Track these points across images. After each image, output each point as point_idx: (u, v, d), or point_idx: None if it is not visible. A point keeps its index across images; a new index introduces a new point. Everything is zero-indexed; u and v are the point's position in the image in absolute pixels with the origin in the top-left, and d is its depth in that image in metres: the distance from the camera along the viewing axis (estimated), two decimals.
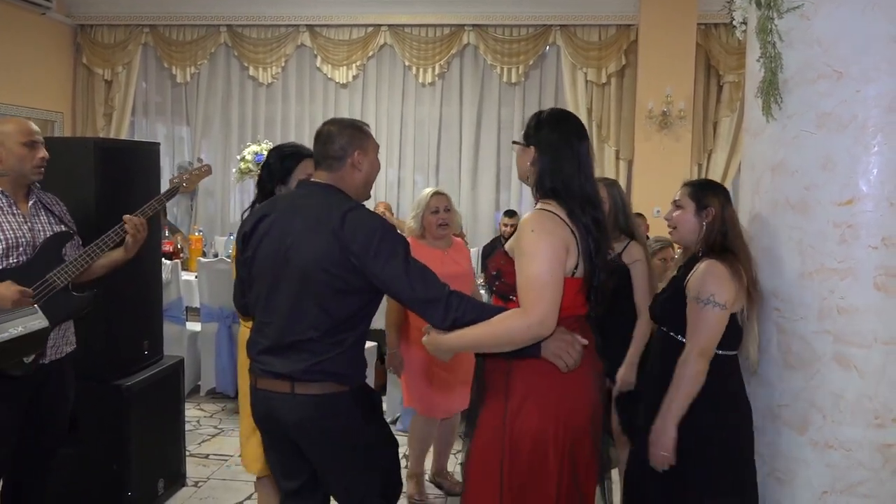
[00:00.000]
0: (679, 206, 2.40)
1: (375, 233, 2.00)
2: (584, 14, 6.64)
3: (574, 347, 1.93)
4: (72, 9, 7.08)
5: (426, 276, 1.99)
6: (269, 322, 2.10)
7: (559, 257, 1.90)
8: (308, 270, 2.01)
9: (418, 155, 7.09)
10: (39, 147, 2.54)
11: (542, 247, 1.89)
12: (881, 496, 2.12)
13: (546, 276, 1.87)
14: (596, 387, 2.07)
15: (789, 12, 2.16)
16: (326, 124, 2.20)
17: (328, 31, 6.98)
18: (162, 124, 7.43)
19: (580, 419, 2.01)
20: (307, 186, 2.18)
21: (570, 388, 1.99)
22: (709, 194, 2.36)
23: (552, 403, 1.97)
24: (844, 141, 2.09)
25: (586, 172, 2.01)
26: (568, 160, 1.99)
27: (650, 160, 6.33)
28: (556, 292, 1.87)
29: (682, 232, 2.40)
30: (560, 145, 2.00)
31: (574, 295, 1.98)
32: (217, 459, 4.07)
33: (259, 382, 2.14)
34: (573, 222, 1.95)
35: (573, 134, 2.02)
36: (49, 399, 2.62)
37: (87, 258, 2.57)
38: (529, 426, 1.97)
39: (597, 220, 1.99)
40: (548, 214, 1.95)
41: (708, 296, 2.18)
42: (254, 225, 2.15)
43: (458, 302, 1.96)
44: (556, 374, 1.95)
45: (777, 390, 2.27)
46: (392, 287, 2.00)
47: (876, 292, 2.08)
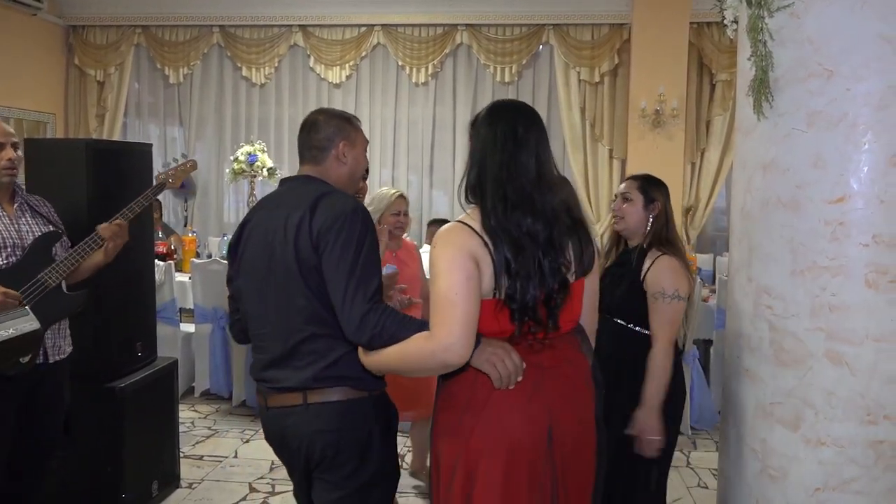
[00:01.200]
0: (628, 198, 2.60)
1: (340, 216, 1.86)
2: (577, 13, 6.64)
3: (511, 357, 1.69)
4: (63, 9, 7.05)
5: (366, 286, 1.82)
6: (265, 332, 1.99)
7: (467, 270, 1.65)
8: (289, 263, 1.90)
9: (412, 155, 7.09)
10: (6, 147, 2.50)
11: (445, 261, 1.67)
12: (874, 493, 2.12)
13: (451, 294, 1.63)
14: (536, 424, 1.74)
15: (780, 11, 2.16)
16: (314, 113, 2.10)
17: (321, 32, 6.97)
18: (155, 125, 7.40)
19: (496, 453, 1.72)
20: (289, 182, 2.08)
21: (489, 416, 1.72)
22: (655, 189, 2.61)
23: (463, 430, 1.75)
24: (835, 139, 2.10)
25: (521, 171, 1.73)
26: (494, 156, 1.74)
27: (644, 159, 6.33)
28: (465, 311, 1.62)
29: (630, 223, 2.61)
30: (487, 140, 1.76)
31: (491, 317, 1.71)
32: (211, 461, 4.07)
33: (269, 401, 1.99)
34: (488, 231, 1.70)
35: (505, 127, 1.76)
36: (45, 400, 2.62)
37: (77, 256, 2.57)
38: (440, 449, 1.81)
39: (527, 228, 1.71)
40: (456, 225, 1.74)
41: (673, 291, 2.43)
42: (239, 234, 2.07)
43: (376, 319, 1.77)
44: (476, 397, 1.73)
45: (769, 387, 2.28)
46: (328, 278, 1.85)
47: (867, 289, 2.08)
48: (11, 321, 2.32)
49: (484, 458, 1.73)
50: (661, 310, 2.43)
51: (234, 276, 2.09)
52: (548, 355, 1.78)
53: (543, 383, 1.76)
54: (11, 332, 2.30)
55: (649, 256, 2.51)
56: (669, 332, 2.44)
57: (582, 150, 6.69)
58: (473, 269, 1.67)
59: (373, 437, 1.96)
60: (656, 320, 2.45)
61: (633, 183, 2.64)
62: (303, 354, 1.92)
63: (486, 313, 1.70)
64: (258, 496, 3.61)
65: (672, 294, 2.42)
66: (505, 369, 1.69)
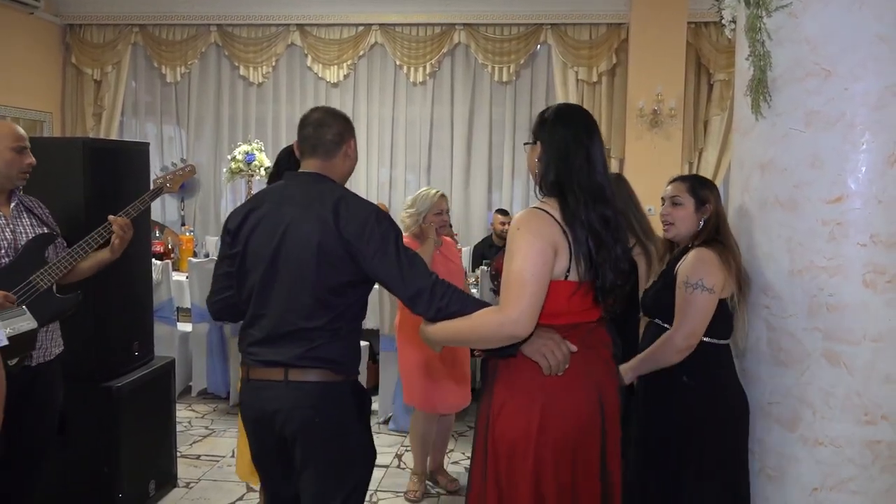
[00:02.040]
0: (678, 203, 2.40)
1: (368, 220, 1.99)
2: (575, 13, 6.64)
3: (560, 348, 1.85)
4: (60, 8, 7.03)
5: (415, 266, 1.98)
6: (263, 314, 2.07)
7: (543, 257, 1.82)
8: (302, 260, 2.00)
9: (410, 154, 7.08)
10: (28, 153, 2.54)
11: (525, 245, 1.83)
12: (871, 493, 2.13)
13: (526, 275, 1.80)
14: (592, 399, 1.92)
15: (778, 11, 2.17)
16: (314, 110, 2.18)
17: (318, 31, 6.96)
18: (152, 124, 7.38)
19: (565, 433, 1.88)
20: (296, 177, 2.14)
21: (555, 397, 1.88)
22: (706, 190, 2.40)
23: (532, 411, 1.89)
24: (833, 139, 2.10)
25: (593, 167, 1.91)
26: (571, 155, 1.91)
27: (641, 159, 6.33)
28: (536, 292, 1.80)
29: (681, 229, 2.41)
30: (564, 140, 1.93)
31: (565, 299, 1.88)
32: (208, 460, 4.06)
33: (251, 373, 2.10)
34: (568, 221, 1.86)
35: (579, 128, 1.94)
36: (37, 400, 2.61)
37: (71, 259, 2.56)
38: (505, 433, 1.91)
39: (604, 217, 1.89)
40: (537, 212, 1.89)
41: (697, 280, 2.23)
42: (242, 219, 2.12)
43: (442, 291, 1.93)
44: (539, 379, 1.88)
45: (767, 387, 2.28)
46: (381, 275, 1.99)
47: (864, 289, 2.09)
48: (9, 320, 2.31)
49: (553, 439, 1.87)
50: (681, 298, 2.26)
51: (237, 260, 2.12)
52: (594, 337, 1.97)
53: (594, 365, 1.94)
54: (8, 332, 2.29)
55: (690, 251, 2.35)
56: (689, 322, 2.23)
57: None
58: (551, 256, 1.83)
59: (348, 419, 2.08)
60: (677, 309, 2.27)
61: (681, 185, 2.44)
62: (293, 339, 2.03)
63: (560, 294, 1.86)
64: (255, 496, 3.61)
65: (695, 283, 2.22)
66: (555, 359, 1.84)
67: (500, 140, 6.95)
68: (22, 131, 2.56)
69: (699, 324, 2.24)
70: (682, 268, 2.30)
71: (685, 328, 2.24)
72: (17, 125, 2.60)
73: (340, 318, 2.04)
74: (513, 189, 7.00)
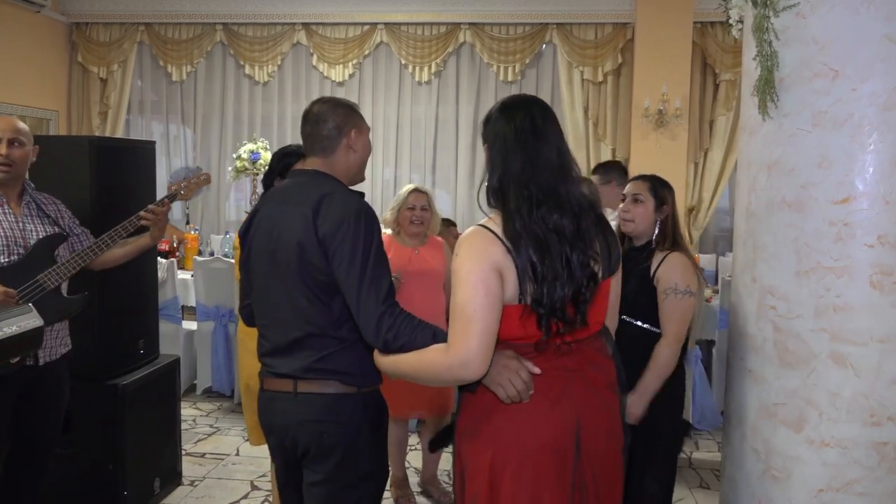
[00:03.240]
0: (639, 200, 2.58)
1: (345, 220, 1.85)
2: (581, 12, 6.63)
3: (519, 375, 1.65)
4: (67, 7, 7.05)
5: (377, 286, 1.82)
6: (267, 323, 2.02)
7: (486, 285, 1.60)
8: (290, 262, 1.91)
9: (414, 154, 7.08)
10: (1, 143, 2.47)
11: (464, 273, 1.62)
12: (877, 494, 2.12)
13: (470, 309, 1.59)
14: (566, 424, 1.70)
15: (785, 11, 2.16)
16: (315, 103, 2.07)
17: (324, 30, 6.96)
18: (158, 123, 7.40)
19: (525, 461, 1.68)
20: (296, 175, 2.06)
21: (516, 424, 1.68)
22: (665, 190, 2.60)
23: (488, 438, 1.72)
24: (840, 139, 2.09)
25: (537, 167, 1.68)
26: (511, 155, 1.69)
27: (646, 159, 6.32)
28: (484, 327, 1.59)
29: (640, 225, 2.59)
30: (504, 139, 1.71)
31: (516, 324, 1.66)
32: (213, 458, 4.07)
33: (265, 384, 2.04)
34: (510, 235, 1.64)
35: (522, 123, 1.70)
36: (42, 399, 2.62)
37: (80, 261, 2.56)
38: (465, 454, 1.78)
39: (555, 225, 1.65)
40: (479, 231, 1.68)
41: (685, 287, 2.45)
42: (248, 224, 2.09)
43: (389, 323, 1.78)
44: (501, 404, 1.69)
45: (773, 388, 2.28)
46: (341, 283, 1.85)
47: (872, 290, 2.08)
48: (16, 318, 2.31)
49: (511, 464, 1.69)
50: (673, 305, 2.45)
51: (244, 267, 2.12)
52: (574, 358, 1.74)
53: (570, 386, 1.72)
54: (16, 329, 2.29)
55: (658, 254, 2.54)
56: (679, 328, 2.46)
57: (585, 150, 6.68)
58: (495, 281, 1.62)
59: (360, 434, 1.96)
60: (667, 316, 2.47)
61: (643, 184, 2.61)
62: (304, 348, 1.94)
63: (511, 319, 1.66)
64: (260, 494, 3.61)
65: (684, 290, 2.44)
66: (512, 389, 1.65)
67: None
68: (8, 121, 2.52)
69: (685, 327, 2.48)
70: (666, 275, 2.47)
71: (676, 333, 2.45)
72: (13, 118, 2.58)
73: (344, 322, 1.91)
74: None
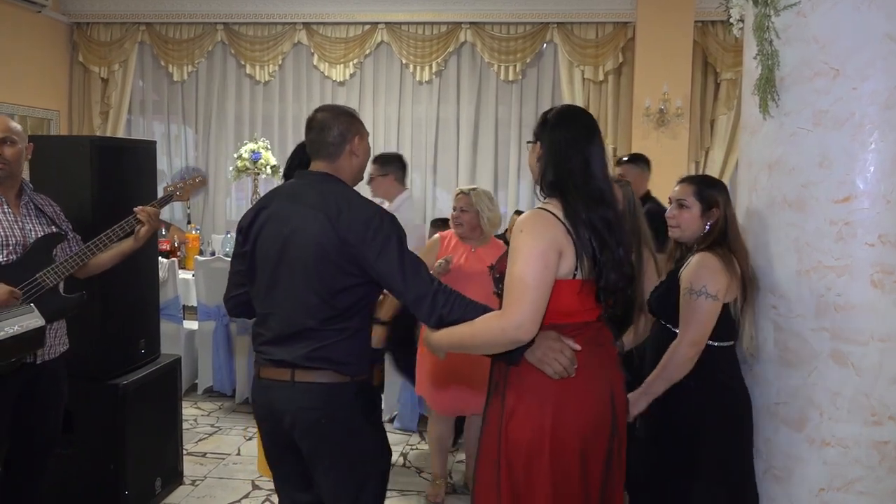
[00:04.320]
0: (684, 205, 2.36)
1: (371, 221, 1.98)
2: (581, 11, 6.62)
3: (564, 353, 1.83)
4: (67, 6, 7.05)
5: (418, 270, 1.96)
6: (271, 313, 2.09)
7: (547, 259, 1.81)
8: (306, 260, 2.00)
9: (415, 153, 7.07)
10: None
11: (528, 248, 1.81)
12: (878, 493, 2.12)
13: (528, 279, 1.78)
14: (604, 397, 1.93)
15: (786, 10, 2.16)
16: (318, 111, 2.17)
17: (325, 29, 6.96)
18: (159, 122, 7.40)
19: (578, 432, 1.88)
20: (305, 177, 2.15)
21: (567, 397, 1.88)
22: (714, 194, 2.34)
23: (545, 413, 1.88)
24: (841, 138, 2.09)
25: (590, 171, 1.91)
26: (569, 157, 1.91)
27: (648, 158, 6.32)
28: (538, 296, 1.78)
29: (686, 232, 2.38)
30: (564, 141, 1.92)
31: (574, 297, 1.88)
32: (214, 458, 4.07)
33: (261, 372, 2.12)
34: (571, 221, 1.86)
35: (579, 132, 1.94)
36: (41, 399, 2.62)
37: (79, 259, 2.56)
38: (519, 435, 1.90)
39: (605, 219, 1.88)
40: (541, 213, 1.88)
41: (700, 287, 2.21)
42: (252, 218, 2.14)
43: (444, 299, 1.92)
44: (549, 380, 1.87)
45: (774, 388, 2.28)
46: (384, 277, 1.97)
47: (873, 289, 2.08)
48: (17, 317, 2.32)
49: (567, 441, 1.87)
50: (686, 305, 2.25)
51: (247, 258, 2.15)
52: (602, 334, 1.97)
53: (604, 362, 1.95)
54: (17, 329, 2.29)
55: (693, 254, 2.34)
56: (693, 331, 2.22)
57: None
58: (553, 258, 1.82)
59: (356, 419, 2.07)
60: (682, 317, 2.26)
61: (688, 187, 2.38)
62: (301, 339, 2.03)
63: (569, 293, 1.86)
64: (261, 493, 3.62)
65: (699, 290, 2.21)
66: (559, 366, 1.83)
67: (506, 139, 6.94)
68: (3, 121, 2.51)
69: (703, 331, 2.22)
70: (685, 273, 2.28)
71: (689, 336, 2.22)
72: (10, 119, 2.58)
73: (348, 317, 2.03)
74: (519, 188, 6.98)
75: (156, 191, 3.48)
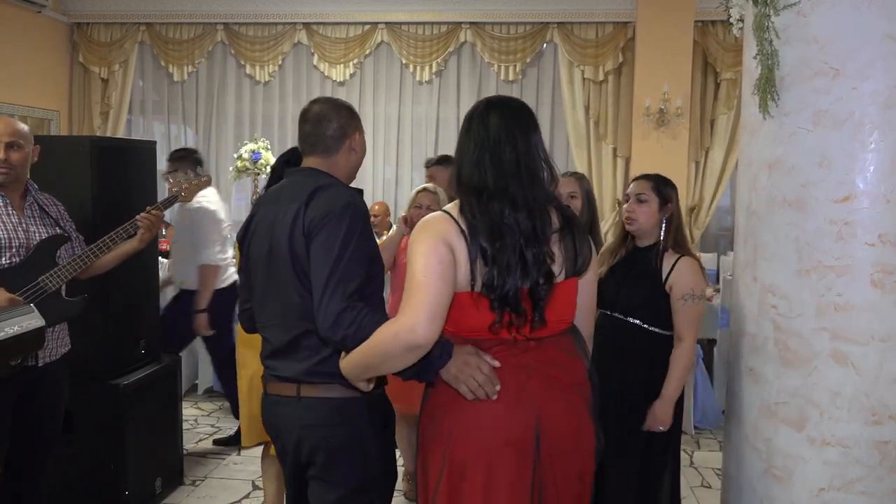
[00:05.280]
0: (642, 199, 2.56)
1: (329, 213, 1.84)
2: (581, 11, 6.62)
3: (480, 371, 1.67)
4: (68, 7, 7.06)
5: (346, 284, 1.77)
6: (267, 324, 2.02)
7: (437, 255, 1.64)
8: (285, 258, 1.91)
9: (415, 153, 7.07)
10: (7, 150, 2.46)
11: (417, 246, 1.67)
12: (878, 493, 2.12)
13: (419, 275, 1.61)
14: (522, 422, 1.71)
15: (786, 9, 2.16)
16: (315, 103, 2.05)
17: (325, 29, 6.96)
18: (159, 123, 7.40)
19: (472, 456, 1.70)
20: (294, 174, 2.04)
21: (465, 410, 1.71)
22: (669, 191, 2.59)
23: (445, 427, 1.74)
24: (841, 138, 2.09)
25: (496, 163, 1.73)
26: (469, 151, 1.78)
27: (648, 158, 6.31)
28: (432, 292, 1.60)
29: (645, 225, 2.57)
30: (462, 135, 1.84)
31: (472, 311, 1.69)
32: (215, 458, 4.07)
33: (269, 387, 2.04)
34: (466, 221, 1.69)
35: (477, 121, 1.80)
36: (42, 399, 2.62)
37: (81, 262, 2.56)
38: (426, 444, 1.79)
39: (512, 222, 1.69)
40: (438, 214, 1.77)
41: (700, 292, 2.49)
42: (245, 228, 2.09)
43: (352, 318, 1.73)
44: (459, 401, 1.71)
45: (774, 387, 2.27)
46: (312, 273, 1.83)
47: (873, 289, 2.08)
48: (18, 318, 2.32)
49: (468, 465, 1.71)
50: (689, 311, 2.49)
51: (243, 268, 2.12)
52: (534, 356, 1.75)
53: (529, 384, 1.73)
54: (17, 329, 2.29)
55: (668, 258, 2.53)
56: (695, 331, 2.53)
57: (586, 149, 6.68)
58: (447, 253, 1.65)
59: (366, 438, 1.95)
60: (683, 321, 2.50)
61: (646, 183, 2.59)
62: (301, 348, 1.94)
63: (465, 305, 1.69)
64: (261, 494, 3.61)
65: (699, 295, 2.49)
66: (474, 383, 1.67)
67: None
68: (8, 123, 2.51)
69: (699, 329, 2.56)
70: (681, 282, 2.49)
71: (692, 337, 2.51)
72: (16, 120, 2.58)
73: None
74: None
75: (156, 191, 3.49)
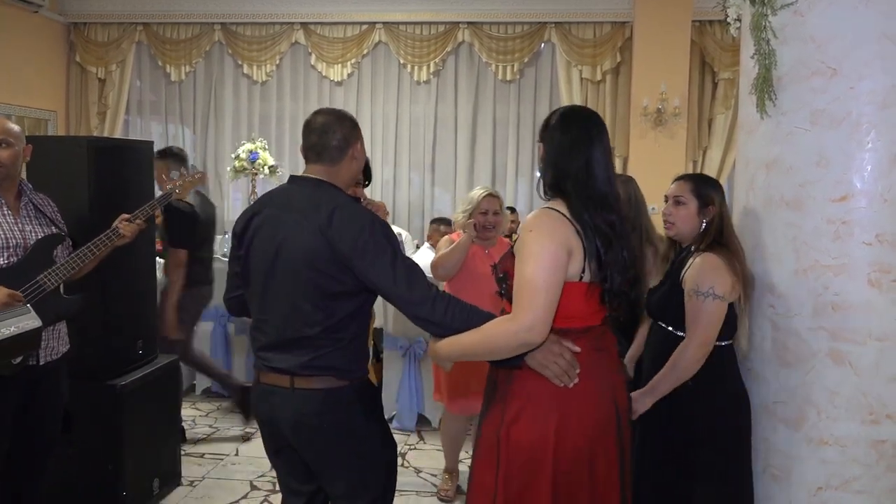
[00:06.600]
0: (680, 202, 2.37)
1: (363, 231, 1.95)
2: (579, 11, 6.62)
3: (563, 356, 1.82)
4: (65, 7, 7.04)
5: (413, 278, 1.93)
6: (266, 319, 2.09)
7: (556, 261, 1.78)
8: (298, 269, 1.99)
9: (413, 153, 7.07)
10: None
11: (538, 248, 1.78)
12: (875, 492, 2.12)
13: (539, 280, 1.75)
14: (607, 400, 1.91)
15: (783, 9, 2.16)
16: (318, 114, 2.15)
17: (322, 29, 6.96)
18: (156, 123, 7.39)
19: (583, 436, 1.86)
20: (298, 182, 2.13)
21: (570, 405, 1.85)
22: (710, 191, 2.36)
23: (549, 418, 1.85)
24: (838, 138, 2.09)
25: (596, 172, 1.87)
26: (568, 160, 1.88)
27: (645, 157, 6.32)
28: (549, 298, 1.76)
29: (683, 229, 2.38)
30: (564, 144, 1.90)
31: (581, 300, 1.86)
32: (212, 459, 4.07)
33: (262, 377, 2.12)
34: (579, 221, 1.84)
35: (579, 134, 1.90)
36: (42, 398, 2.62)
37: (79, 260, 2.56)
38: (522, 440, 1.87)
39: (609, 222, 1.85)
40: (550, 212, 1.86)
41: (708, 288, 2.21)
42: (245, 224, 2.13)
43: (444, 306, 1.90)
44: (553, 386, 1.85)
45: (772, 387, 2.28)
46: (380, 287, 1.96)
47: (870, 289, 2.08)
48: (14, 318, 2.31)
49: (571, 448, 1.84)
50: (693, 307, 2.23)
51: (241, 263, 2.15)
52: (606, 339, 1.96)
53: (606, 366, 1.94)
54: (14, 330, 2.29)
55: (694, 255, 2.33)
56: (702, 332, 2.21)
57: None
58: (564, 258, 1.79)
59: (355, 418, 2.07)
60: (688, 318, 2.25)
61: (685, 185, 2.40)
62: (300, 346, 2.03)
63: (576, 296, 1.84)
64: (259, 494, 3.61)
65: (706, 291, 2.20)
66: (558, 368, 1.82)
67: (504, 138, 6.94)
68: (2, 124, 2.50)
69: (712, 332, 2.22)
70: (690, 275, 2.27)
71: (699, 338, 2.21)
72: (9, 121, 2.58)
73: (344, 326, 2.02)
74: (517, 187, 6.98)
75: (153, 191, 3.48)
